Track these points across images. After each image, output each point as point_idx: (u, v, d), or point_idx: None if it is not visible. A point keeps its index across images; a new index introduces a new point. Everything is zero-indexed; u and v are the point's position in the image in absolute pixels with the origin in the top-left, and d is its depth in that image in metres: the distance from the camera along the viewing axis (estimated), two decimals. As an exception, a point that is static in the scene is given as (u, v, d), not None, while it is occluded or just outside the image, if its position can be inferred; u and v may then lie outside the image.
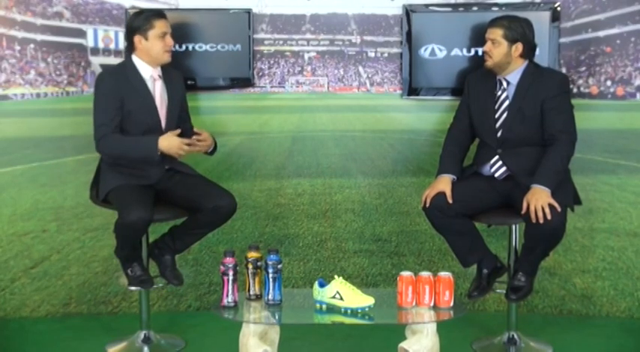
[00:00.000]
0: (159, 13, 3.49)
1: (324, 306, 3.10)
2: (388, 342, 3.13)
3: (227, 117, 4.22)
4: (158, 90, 3.51)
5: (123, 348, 3.64)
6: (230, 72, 4.13)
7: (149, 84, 3.49)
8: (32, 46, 4.12)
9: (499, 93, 3.45)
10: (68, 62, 4.16)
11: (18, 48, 4.11)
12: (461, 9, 4.07)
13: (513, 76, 3.42)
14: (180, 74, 3.66)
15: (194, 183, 3.50)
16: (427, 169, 4.07)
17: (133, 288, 3.50)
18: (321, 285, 3.12)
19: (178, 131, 3.45)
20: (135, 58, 3.49)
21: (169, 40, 3.47)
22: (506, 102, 3.42)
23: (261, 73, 4.23)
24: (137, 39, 3.45)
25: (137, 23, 3.45)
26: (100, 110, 3.42)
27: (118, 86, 3.42)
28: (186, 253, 3.89)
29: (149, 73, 3.49)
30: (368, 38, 4.21)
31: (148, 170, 3.46)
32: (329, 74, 4.27)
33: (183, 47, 4.01)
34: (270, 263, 3.11)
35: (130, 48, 3.51)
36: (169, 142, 3.38)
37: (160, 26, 3.44)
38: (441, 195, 3.33)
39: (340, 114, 4.33)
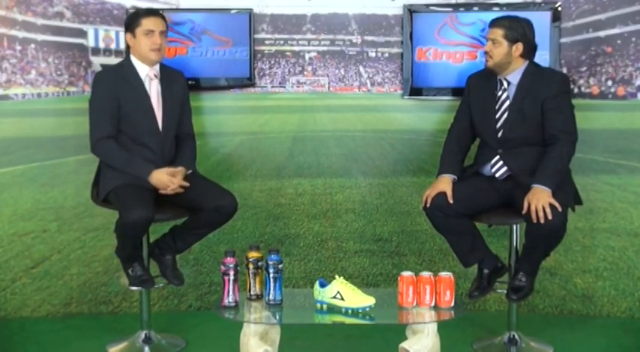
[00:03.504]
0: (149, 12, 3.50)
1: (324, 306, 3.10)
2: (389, 342, 3.13)
3: (228, 117, 4.22)
4: (154, 91, 3.50)
5: (124, 348, 3.64)
6: (231, 72, 4.13)
7: (146, 83, 3.48)
8: (33, 46, 4.12)
9: (500, 93, 3.45)
10: (69, 62, 4.17)
11: (19, 48, 4.11)
12: (461, 9, 4.07)
13: (514, 76, 3.42)
14: (182, 74, 3.65)
15: (195, 183, 3.50)
16: (428, 169, 4.08)
17: (133, 288, 3.50)
18: (322, 285, 3.12)
19: (177, 170, 3.41)
20: (132, 58, 3.50)
21: (156, 38, 3.44)
22: (507, 103, 3.42)
23: (261, 73, 4.23)
24: (128, 37, 3.48)
25: (127, 21, 3.52)
26: (96, 111, 3.43)
27: (115, 86, 3.42)
28: (187, 253, 3.89)
29: (145, 72, 3.48)
30: (369, 38, 4.21)
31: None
32: (330, 74, 4.27)
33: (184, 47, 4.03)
34: (270, 263, 3.11)
35: (128, 47, 3.52)
36: (159, 179, 3.37)
37: (146, 23, 3.43)
38: (442, 195, 3.33)
39: (341, 114, 4.33)
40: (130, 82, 3.45)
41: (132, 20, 3.47)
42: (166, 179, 3.38)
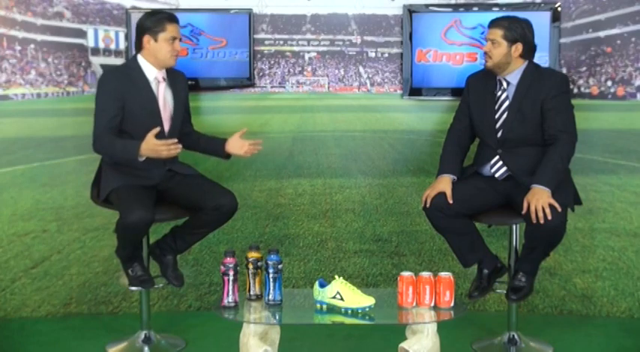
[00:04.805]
0: (172, 17, 3.45)
1: (324, 306, 3.10)
2: (388, 342, 3.13)
3: (228, 118, 4.22)
4: (162, 93, 3.49)
5: (123, 348, 3.64)
6: (231, 72, 4.13)
7: (153, 86, 3.47)
8: (33, 46, 4.13)
9: (499, 93, 3.45)
10: (69, 62, 4.17)
11: (18, 48, 4.11)
12: (461, 9, 4.07)
13: (513, 76, 3.42)
14: (184, 76, 3.64)
15: (195, 182, 3.50)
16: (427, 169, 4.08)
17: (133, 288, 3.50)
18: (322, 285, 3.12)
19: (156, 131, 3.32)
20: (140, 59, 3.47)
21: (178, 45, 3.45)
22: (507, 103, 3.42)
23: (261, 73, 4.24)
24: (146, 39, 3.42)
25: (149, 23, 3.42)
26: (100, 109, 3.41)
27: (121, 86, 3.41)
28: (187, 253, 3.89)
29: (154, 75, 3.47)
30: (368, 38, 4.21)
31: (149, 170, 3.45)
32: (329, 74, 4.27)
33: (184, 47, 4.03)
34: (270, 263, 3.11)
35: (138, 47, 3.49)
36: (147, 144, 3.29)
37: (171, 30, 3.42)
38: (442, 195, 3.33)
39: (340, 114, 4.33)
40: (136, 84, 3.44)
41: (155, 24, 3.41)
42: (153, 143, 3.28)
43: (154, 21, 3.42)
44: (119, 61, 4.09)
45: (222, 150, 3.58)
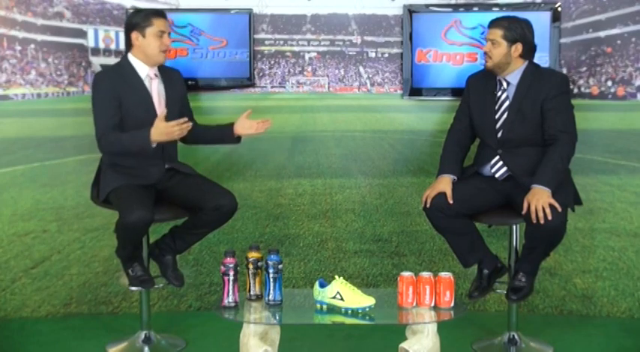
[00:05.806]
0: (159, 12, 3.47)
1: (324, 306, 3.10)
2: (389, 342, 3.13)
3: (228, 118, 4.19)
4: (155, 89, 3.49)
5: (123, 348, 3.64)
6: (231, 72, 4.14)
7: (146, 82, 3.47)
8: (33, 46, 4.13)
9: (499, 93, 3.45)
10: (69, 62, 4.17)
11: (19, 48, 4.11)
12: (461, 9, 4.08)
13: (513, 76, 3.42)
14: (179, 73, 3.64)
15: (195, 182, 3.50)
16: (427, 169, 4.08)
17: (133, 288, 3.50)
18: (322, 285, 3.12)
19: (163, 114, 3.34)
20: (131, 57, 3.47)
21: (167, 40, 3.45)
22: (507, 103, 3.42)
23: (261, 73, 4.24)
24: (134, 35, 3.43)
25: (136, 20, 3.43)
26: (99, 110, 3.41)
27: (116, 85, 3.41)
28: (187, 253, 3.89)
29: (145, 72, 3.47)
30: (368, 38, 4.21)
31: (148, 170, 3.45)
32: (329, 74, 4.27)
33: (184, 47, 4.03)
34: (270, 263, 3.11)
35: (128, 45, 3.49)
36: (158, 129, 3.31)
37: (158, 24, 3.42)
38: (442, 195, 3.33)
39: (341, 114, 4.34)
40: (130, 82, 3.44)
41: (141, 19, 3.41)
42: (164, 126, 3.30)
43: (141, 17, 3.43)
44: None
45: (231, 134, 3.58)
